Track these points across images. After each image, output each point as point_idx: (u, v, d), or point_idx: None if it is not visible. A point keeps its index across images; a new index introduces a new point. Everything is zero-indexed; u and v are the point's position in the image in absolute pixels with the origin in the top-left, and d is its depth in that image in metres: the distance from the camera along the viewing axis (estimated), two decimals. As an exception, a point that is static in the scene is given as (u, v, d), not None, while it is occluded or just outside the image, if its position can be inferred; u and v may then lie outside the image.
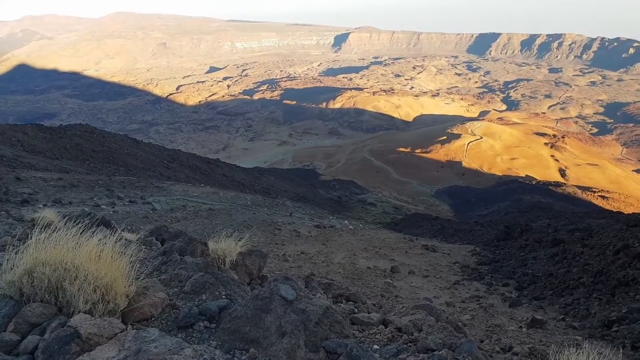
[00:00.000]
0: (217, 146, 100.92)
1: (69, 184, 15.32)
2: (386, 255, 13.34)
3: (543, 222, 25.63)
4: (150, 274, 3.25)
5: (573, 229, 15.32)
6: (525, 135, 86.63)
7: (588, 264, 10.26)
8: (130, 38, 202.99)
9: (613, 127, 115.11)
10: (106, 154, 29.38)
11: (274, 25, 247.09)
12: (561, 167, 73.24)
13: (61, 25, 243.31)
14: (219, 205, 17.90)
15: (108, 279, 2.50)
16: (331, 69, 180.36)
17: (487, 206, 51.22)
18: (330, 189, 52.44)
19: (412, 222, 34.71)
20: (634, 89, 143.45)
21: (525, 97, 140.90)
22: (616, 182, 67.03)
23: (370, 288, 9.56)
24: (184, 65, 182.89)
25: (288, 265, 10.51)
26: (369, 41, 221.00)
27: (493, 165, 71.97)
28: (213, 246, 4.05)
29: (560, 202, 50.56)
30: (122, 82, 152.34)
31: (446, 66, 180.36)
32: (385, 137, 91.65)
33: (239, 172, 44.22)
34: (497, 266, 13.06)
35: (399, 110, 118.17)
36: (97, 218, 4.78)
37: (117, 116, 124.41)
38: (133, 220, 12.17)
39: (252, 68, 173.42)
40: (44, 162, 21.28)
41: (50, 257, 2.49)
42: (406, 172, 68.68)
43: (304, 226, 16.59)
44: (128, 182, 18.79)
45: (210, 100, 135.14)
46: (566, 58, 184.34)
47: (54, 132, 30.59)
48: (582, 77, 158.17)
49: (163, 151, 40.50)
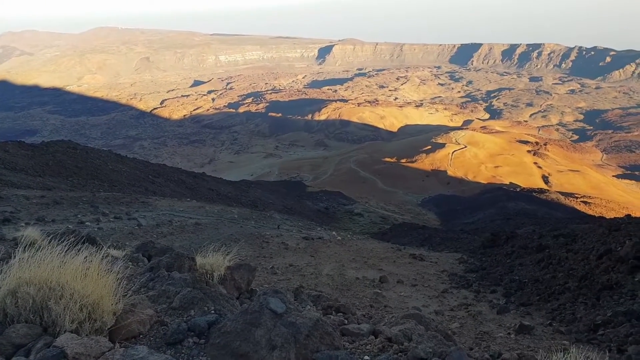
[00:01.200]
0: (202, 160, 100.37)
1: (52, 201, 15.08)
2: (374, 265, 13.35)
3: (528, 228, 25.93)
4: (137, 290, 3.22)
5: (557, 235, 15.50)
6: (509, 143, 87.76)
7: (573, 269, 10.39)
8: (113, 53, 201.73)
9: (593, 133, 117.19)
10: (90, 170, 29.02)
11: (257, 38, 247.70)
12: (544, 173, 74.21)
13: (42, 41, 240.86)
14: (206, 219, 17.77)
15: (95, 297, 2.47)
16: (316, 81, 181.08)
17: (473, 214, 51.60)
18: (318, 200, 52.40)
19: (400, 232, 34.81)
20: (612, 96, 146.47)
21: (508, 105, 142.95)
22: (597, 188, 68.08)
23: (360, 299, 9.55)
24: (168, 80, 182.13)
25: (277, 278, 10.46)
26: (353, 53, 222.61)
27: (477, 174, 72.67)
28: (200, 261, 4.03)
29: (544, 209, 51.18)
30: (105, 97, 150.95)
31: (429, 77, 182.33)
32: (371, 148, 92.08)
33: (225, 186, 43.99)
34: (484, 273, 13.15)
35: (383, 120, 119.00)
36: (82, 235, 4.72)
37: (100, 132, 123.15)
38: (119, 236, 12.02)
39: (237, 81, 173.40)
40: (26, 179, 20.94)
41: (35, 277, 2.46)
42: (392, 182, 68.98)
43: (292, 238, 16.53)
44: (113, 198, 18.57)
45: (195, 114, 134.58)
46: (546, 67, 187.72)
47: (35, 148, 30.16)
48: (561, 86, 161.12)
49: (148, 166, 40.14)
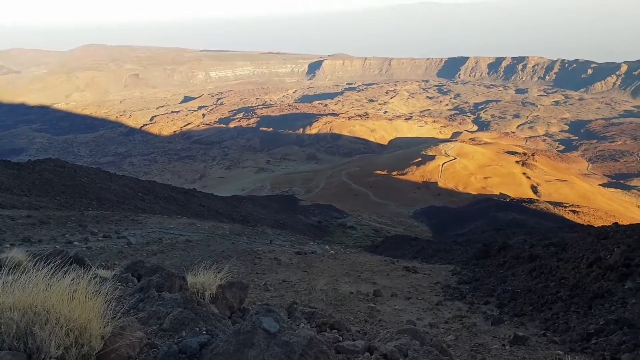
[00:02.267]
0: (193, 176, 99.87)
1: (39, 221, 14.87)
2: (368, 279, 13.29)
3: (519, 238, 26.02)
4: (127, 312, 3.14)
5: (548, 244, 15.58)
6: (497, 154, 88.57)
7: (564, 278, 10.41)
8: (101, 70, 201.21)
9: (578, 143, 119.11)
10: (78, 189, 28.71)
11: (247, 54, 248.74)
12: (533, 183, 74.85)
13: (29, 58, 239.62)
14: (197, 236, 17.61)
15: (82, 321, 2.40)
16: (306, 95, 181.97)
17: (464, 225, 51.75)
18: (310, 214, 52.28)
19: (392, 244, 34.77)
20: (595, 107, 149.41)
21: (495, 117, 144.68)
22: (585, 197, 68.76)
23: (354, 314, 9.47)
24: (158, 96, 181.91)
25: (270, 295, 10.35)
26: (342, 68, 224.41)
27: (468, 185, 73.10)
28: (192, 280, 3.96)
29: (534, 218, 51.50)
30: (93, 114, 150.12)
31: (418, 90, 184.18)
32: (362, 161, 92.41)
33: (216, 202, 43.74)
34: (478, 284, 13.13)
35: (374, 134, 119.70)
36: (69, 256, 4.63)
37: (89, 149, 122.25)
38: (108, 256, 11.85)
39: (227, 97, 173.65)
40: (12, 199, 20.66)
41: (19, 301, 2.39)
42: (384, 195, 69.12)
43: (284, 253, 16.42)
44: (102, 216, 18.37)
45: (186, 130, 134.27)
46: (531, 79, 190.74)
47: (22, 167, 29.79)
48: (546, 97, 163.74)
49: (137, 183, 39.82)
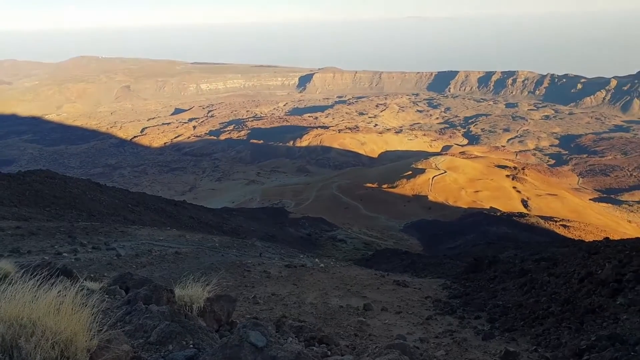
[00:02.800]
0: (183, 188, 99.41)
1: (28, 232, 14.70)
2: (358, 293, 13.24)
3: (510, 252, 26.14)
4: (113, 325, 3.11)
5: (539, 259, 15.62)
6: (488, 168, 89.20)
7: (555, 293, 10.44)
8: (92, 82, 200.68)
9: (568, 158, 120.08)
10: (68, 200, 28.45)
11: (239, 66, 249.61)
12: (523, 198, 75.35)
13: (21, 70, 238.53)
14: (186, 248, 17.48)
15: (68, 334, 2.38)
16: (297, 108, 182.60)
17: (455, 239, 51.87)
18: (300, 227, 52.14)
19: (383, 258, 34.74)
20: (585, 121, 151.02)
21: (485, 131, 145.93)
22: (575, 211, 69.31)
23: (344, 328, 9.41)
24: (149, 108, 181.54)
25: (259, 309, 10.27)
26: (333, 81, 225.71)
27: (458, 199, 73.41)
28: (179, 293, 3.93)
29: (525, 233, 51.78)
30: (84, 125, 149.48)
31: (408, 104, 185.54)
32: (353, 174, 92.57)
33: (206, 214, 43.52)
34: (468, 299, 13.12)
35: (364, 147, 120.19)
36: (57, 268, 4.58)
37: (79, 160, 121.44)
38: (96, 267, 11.72)
39: (218, 109, 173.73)
40: (1, 210, 20.42)
41: (5, 313, 2.36)
42: (374, 208, 69.15)
43: (274, 266, 16.34)
44: (91, 227, 18.19)
45: (176, 142, 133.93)
46: (520, 93, 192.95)
47: (12, 178, 29.50)
48: (536, 111, 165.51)
49: (127, 195, 39.57)
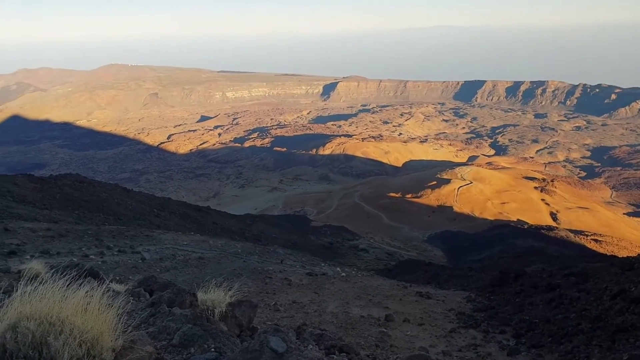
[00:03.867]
0: (207, 194, 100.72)
1: (58, 234, 15.09)
2: (380, 303, 13.11)
3: (537, 266, 25.50)
4: (138, 326, 3.15)
5: (568, 274, 15.20)
6: (515, 180, 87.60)
7: (586, 310, 10.13)
8: (122, 89, 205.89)
9: (601, 170, 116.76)
10: (96, 203, 29.15)
11: (263, 75, 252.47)
12: (552, 210, 73.67)
13: (55, 77, 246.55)
14: (209, 253, 17.66)
15: (94, 333, 2.43)
16: (320, 116, 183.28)
17: (480, 251, 51.01)
18: (322, 235, 52.09)
19: (406, 269, 34.39)
20: (619, 133, 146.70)
21: (513, 142, 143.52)
22: (608, 225, 67.34)
23: (364, 338, 9.33)
24: (176, 115, 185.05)
25: (279, 315, 10.28)
26: (357, 90, 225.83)
27: (484, 210, 72.27)
28: (202, 297, 3.97)
29: (554, 246, 50.55)
30: (113, 131, 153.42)
31: (433, 113, 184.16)
32: (376, 183, 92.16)
33: (229, 220, 43.96)
34: (493, 313, 12.84)
35: (388, 155, 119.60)
36: (85, 269, 4.69)
37: (107, 165, 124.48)
38: (122, 270, 11.94)
39: (243, 117, 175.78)
40: (33, 212, 21.03)
41: (35, 311, 2.42)
42: (397, 218, 68.63)
43: (295, 274, 16.34)
44: (117, 231, 18.56)
45: (202, 149, 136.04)
46: (550, 104, 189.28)
47: (44, 182, 30.43)
48: (567, 122, 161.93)
49: (153, 200, 40.30)
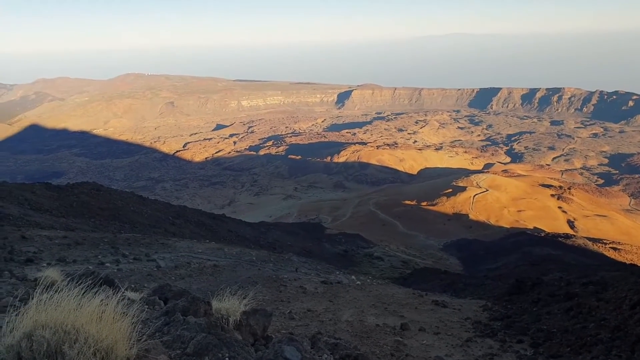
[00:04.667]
0: (222, 201, 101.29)
1: (74, 242, 15.27)
2: (395, 312, 12.99)
3: (554, 275, 25.07)
4: (152, 335, 3.16)
5: (586, 282, 14.92)
6: (531, 187, 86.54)
7: (604, 319, 9.92)
8: (138, 98, 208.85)
9: (619, 177, 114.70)
10: (112, 211, 29.48)
11: (278, 84, 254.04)
12: (569, 218, 72.57)
13: (73, 87, 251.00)
14: (224, 261, 17.71)
15: (109, 342, 2.43)
16: (335, 124, 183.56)
17: (496, 259, 50.35)
18: (337, 243, 51.93)
19: (421, 277, 34.07)
20: (637, 140, 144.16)
21: (529, 149, 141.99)
22: (627, 234, 66.09)
23: (380, 347, 9.24)
24: (191, 123, 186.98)
25: (294, 324, 10.23)
26: (372, 97, 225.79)
27: (500, 218, 71.48)
28: (217, 305, 3.97)
29: (571, 254, 49.67)
30: (129, 140, 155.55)
31: (448, 120, 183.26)
32: (391, 190, 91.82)
33: (244, 227, 44.10)
34: (510, 322, 12.63)
35: (403, 163, 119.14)
36: (100, 277, 4.72)
37: (124, 173, 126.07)
38: (137, 278, 12.02)
39: (258, 125, 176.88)
40: (50, 220, 21.35)
41: (51, 319, 2.44)
42: (413, 225, 68.20)
43: (310, 282, 16.29)
44: (133, 239, 18.73)
45: (217, 157, 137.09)
46: (567, 111, 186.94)
47: (61, 190, 30.91)
48: (584, 129, 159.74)
49: (169, 207, 40.62)
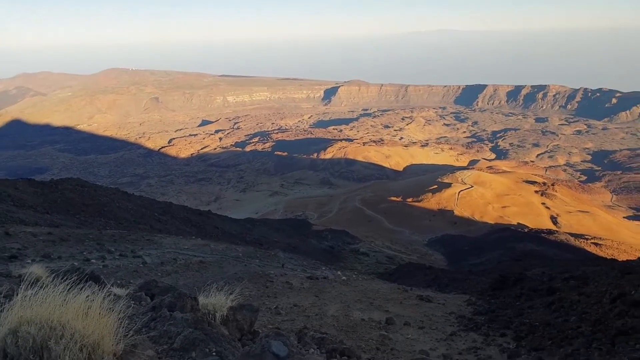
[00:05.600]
0: (208, 198, 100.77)
1: (59, 239, 15.09)
2: (381, 307, 13.09)
3: (537, 270, 25.46)
4: (139, 330, 3.16)
5: (568, 277, 15.18)
6: (516, 184, 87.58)
7: (586, 313, 10.12)
8: (122, 93, 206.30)
9: (601, 174, 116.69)
10: (97, 208, 29.16)
11: (265, 80, 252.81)
12: (552, 214, 73.61)
13: (55, 81, 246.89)
14: (210, 257, 17.66)
15: (95, 337, 2.44)
16: (321, 121, 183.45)
17: (481, 255, 50.95)
18: (323, 239, 52.07)
19: (406, 272, 34.33)
20: (619, 137, 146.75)
21: (514, 146, 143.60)
22: (608, 229, 67.27)
23: (365, 341, 9.32)
24: (177, 119, 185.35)
25: (280, 319, 10.27)
26: (358, 94, 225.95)
27: (485, 214, 72.22)
28: (203, 301, 3.98)
29: (554, 250, 50.48)
30: (114, 135, 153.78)
31: (434, 117, 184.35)
32: (377, 187, 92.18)
33: (230, 224, 43.94)
34: (494, 316, 12.82)
35: (389, 160, 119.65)
36: (85, 273, 4.70)
37: (108, 170, 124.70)
38: (123, 274, 11.94)
39: (244, 121, 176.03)
40: (34, 216, 21.05)
41: (36, 315, 2.44)
42: (398, 221, 68.60)
43: (296, 278, 16.33)
44: (119, 235, 18.57)
45: (202, 153, 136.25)
46: (551, 108, 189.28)
47: (44, 186, 30.45)
48: (567, 126, 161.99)
49: (154, 204, 40.29)
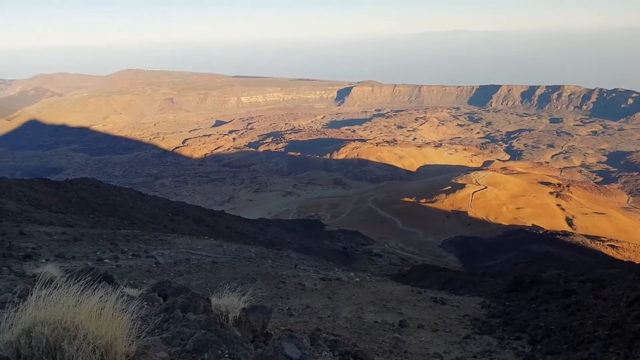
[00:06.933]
0: (222, 198, 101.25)
1: (73, 238, 15.26)
2: (394, 309, 13.01)
3: (553, 272, 25.12)
4: (151, 332, 3.16)
5: (584, 280, 14.95)
6: (530, 185, 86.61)
7: (602, 316, 9.94)
8: (138, 94, 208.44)
9: (617, 175, 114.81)
10: (111, 208, 29.45)
11: (278, 80, 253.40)
12: (568, 216, 72.67)
13: (72, 82, 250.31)
14: (223, 258, 17.71)
15: (108, 338, 2.43)
16: (335, 121, 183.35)
17: (495, 256, 50.49)
18: (336, 240, 52.02)
19: (420, 274, 34.10)
20: (636, 137, 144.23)
21: (528, 146, 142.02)
22: (625, 231, 66.21)
23: (378, 343, 9.26)
24: (191, 120, 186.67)
25: (293, 320, 10.24)
26: (371, 94, 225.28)
27: (499, 215, 71.56)
28: (216, 302, 3.97)
29: (569, 252, 49.84)
30: (129, 136, 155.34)
31: (448, 117, 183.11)
32: (390, 187, 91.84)
33: (243, 224, 44.12)
34: (508, 319, 12.66)
35: (402, 160, 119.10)
36: (99, 273, 4.72)
37: (123, 170, 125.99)
38: (136, 274, 12.02)
39: (258, 121, 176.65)
40: (49, 216, 21.33)
41: (50, 316, 2.44)
42: (412, 223, 68.27)
43: (309, 279, 16.30)
44: (132, 235, 18.71)
45: (216, 153, 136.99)
46: (566, 108, 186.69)
47: (60, 186, 30.86)
48: (583, 127, 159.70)
49: (168, 204, 40.61)
